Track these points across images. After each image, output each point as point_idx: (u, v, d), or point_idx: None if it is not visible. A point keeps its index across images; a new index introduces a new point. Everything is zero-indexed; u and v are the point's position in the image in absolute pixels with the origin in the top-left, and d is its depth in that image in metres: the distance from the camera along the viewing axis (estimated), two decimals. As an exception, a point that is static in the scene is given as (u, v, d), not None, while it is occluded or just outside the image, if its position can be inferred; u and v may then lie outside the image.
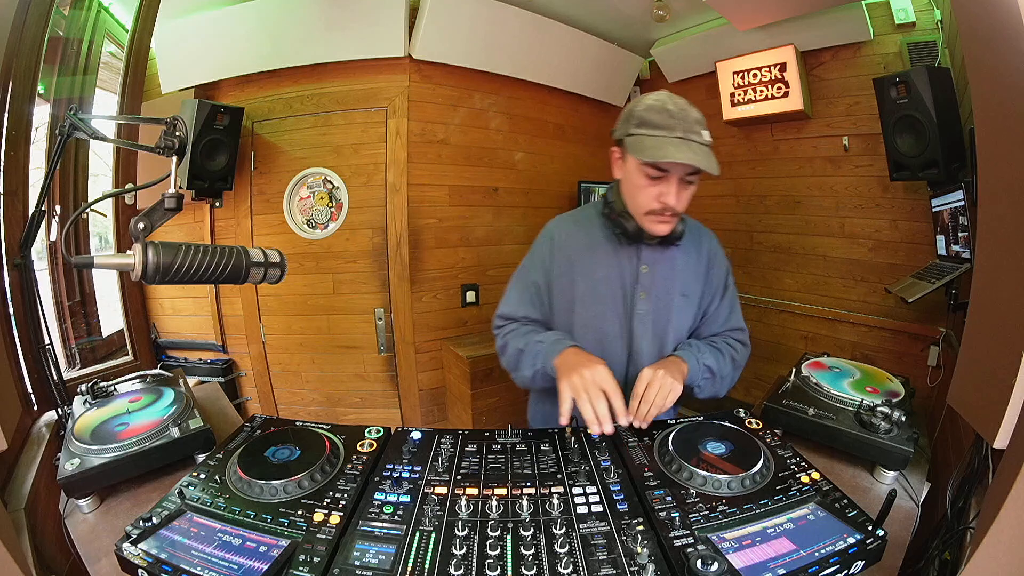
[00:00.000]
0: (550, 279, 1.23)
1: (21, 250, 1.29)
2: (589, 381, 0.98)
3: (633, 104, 1.09)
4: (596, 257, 1.20)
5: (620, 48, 3.10)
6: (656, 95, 1.07)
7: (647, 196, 1.07)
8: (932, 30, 2.15)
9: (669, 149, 0.99)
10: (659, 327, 1.20)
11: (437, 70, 2.61)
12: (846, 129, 2.51)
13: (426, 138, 2.64)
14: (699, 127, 1.03)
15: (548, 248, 1.23)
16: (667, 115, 1.01)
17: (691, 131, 1.01)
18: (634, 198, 1.11)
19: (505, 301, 1.29)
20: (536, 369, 1.13)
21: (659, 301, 1.19)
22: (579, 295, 1.20)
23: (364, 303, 2.71)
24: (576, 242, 1.22)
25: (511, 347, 1.21)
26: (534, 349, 1.14)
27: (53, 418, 1.22)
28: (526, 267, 1.28)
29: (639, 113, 1.05)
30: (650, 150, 1.00)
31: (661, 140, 1.00)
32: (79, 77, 2.10)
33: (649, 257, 1.18)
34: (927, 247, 2.14)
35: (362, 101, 2.58)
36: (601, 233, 1.21)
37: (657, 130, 1.01)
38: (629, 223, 1.13)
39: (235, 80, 2.58)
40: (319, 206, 2.68)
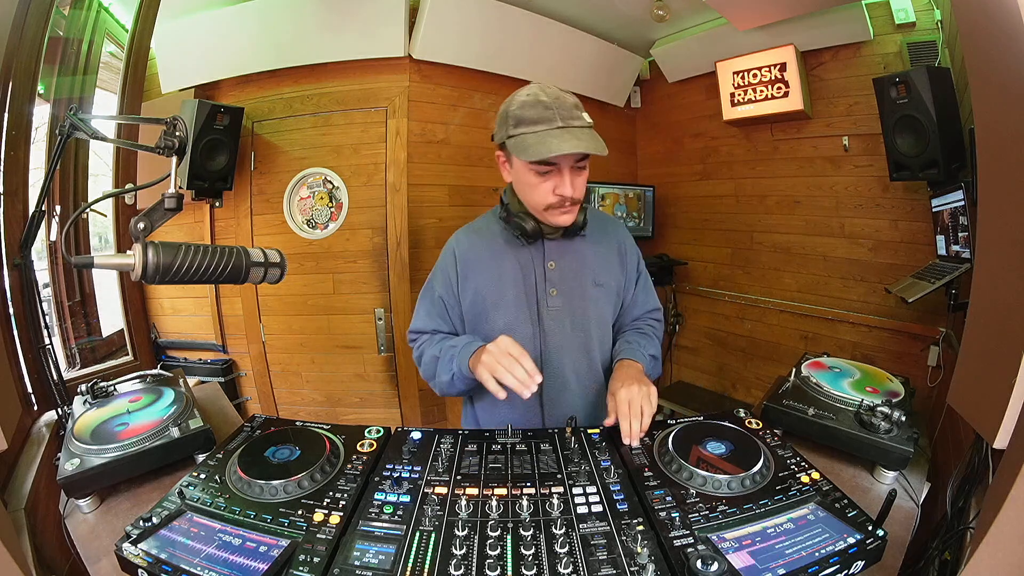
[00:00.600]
0: (456, 293, 1.22)
1: (21, 250, 1.29)
2: (497, 353, 0.98)
3: (506, 105, 1.07)
4: (500, 262, 1.19)
5: (620, 48, 3.10)
6: (527, 90, 1.05)
7: (542, 192, 1.06)
8: (932, 30, 2.15)
9: (553, 143, 0.98)
10: (576, 320, 1.19)
11: (437, 70, 2.61)
12: (846, 129, 2.51)
13: (426, 138, 2.64)
14: (577, 111, 1.02)
15: (451, 262, 1.22)
16: (542, 107, 1.00)
17: (570, 117, 1.00)
18: (529, 197, 1.10)
19: (415, 317, 1.28)
20: (453, 372, 1.11)
21: (572, 294, 1.18)
22: (490, 303, 1.18)
23: (364, 303, 2.71)
24: (478, 251, 1.21)
25: (427, 355, 1.21)
26: (448, 354, 1.13)
27: (53, 418, 1.22)
28: (431, 283, 1.26)
29: (514, 112, 1.03)
30: (533, 147, 0.99)
31: (542, 135, 0.99)
32: (79, 77, 2.10)
33: (554, 252, 1.18)
34: (927, 247, 2.14)
35: (362, 101, 2.58)
36: (502, 237, 1.20)
37: (535, 126, 1.00)
38: (527, 222, 1.13)
39: (235, 80, 2.58)
40: (319, 206, 2.68)
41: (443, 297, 1.23)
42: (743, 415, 1.11)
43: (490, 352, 1.00)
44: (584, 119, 1.02)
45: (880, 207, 2.42)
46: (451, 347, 1.14)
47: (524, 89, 1.06)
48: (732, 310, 3.14)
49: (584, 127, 1.01)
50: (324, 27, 2.43)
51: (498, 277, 1.18)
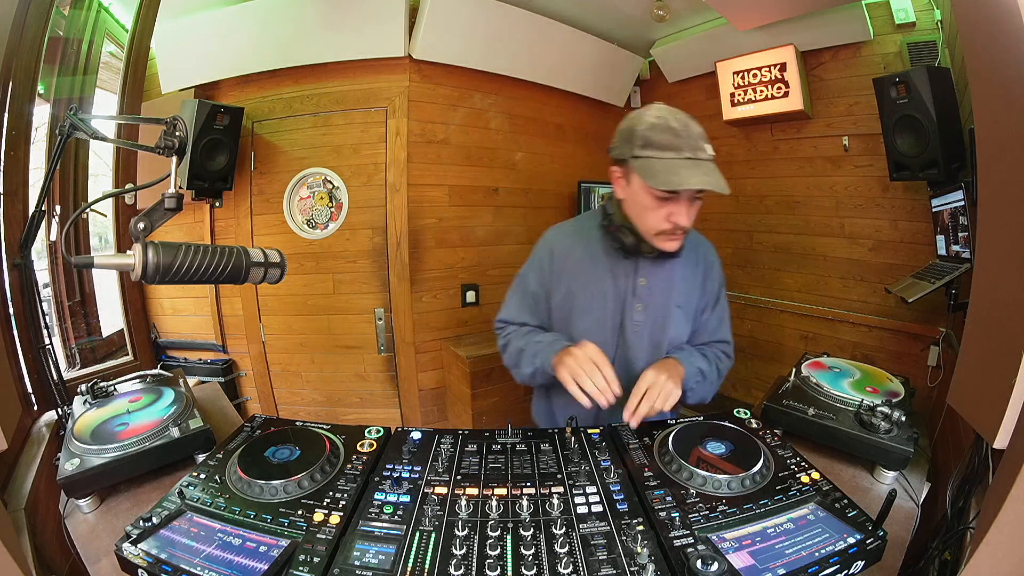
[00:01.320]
0: (548, 290, 1.26)
1: (21, 250, 1.29)
2: (581, 358, 1.03)
3: (633, 122, 1.07)
4: (594, 269, 1.21)
5: (620, 48, 3.10)
6: (656, 111, 1.05)
7: (656, 217, 1.07)
8: (932, 30, 2.15)
9: (682, 173, 0.98)
10: (655, 337, 1.22)
11: (437, 70, 2.61)
12: (846, 129, 2.51)
13: (426, 138, 2.64)
14: (703, 142, 1.02)
15: (547, 259, 1.25)
16: (672, 134, 1.00)
17: (697, 148, 1.00)
18: (642, 219, 1.10)
19: (505, 307, 1.33)
20: (535, 367, 1.17)
21: (655, 312, 1.20)
22: (577, 307, 1.22)
23: (364, 303, 2.71)
24: (575, 254, 1.23)
25: (512, 346, 1.26)
26: (533, 348, 1.19)
27: (53, 418, 1.22)
28: (525, 276, 1.30)
29: (642, 133, 1.03)
30: (662, 175, 0.99)
31: (670, 163, 0.99)
32: (79, 77, 2.10)
33: (647, 269, 1.19)
34: (927, 247, 2.14)
35: (362, 101, 2.58)
36: (600, 245, 1.22)
37: (664, 152, 1.00)
38: (627, 238, 1.14)
39: (235, 80, 2.58)
40: (319, 206, 2.68)
41: (535, 292, 1.27)
42: (743, 415, 1.11)
43: (574, 356, 1.04)
44: (708, 151, 1.02)
45: (880, 207, 2.42)
46: (537, 342, 1.19)
47: (652, 109, 1.05)
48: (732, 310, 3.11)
49: (708, 160, 1.01)
50: (324, 27, 2.43)
51: (590, 283, 1.21)
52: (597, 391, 1.00)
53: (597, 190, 3.18)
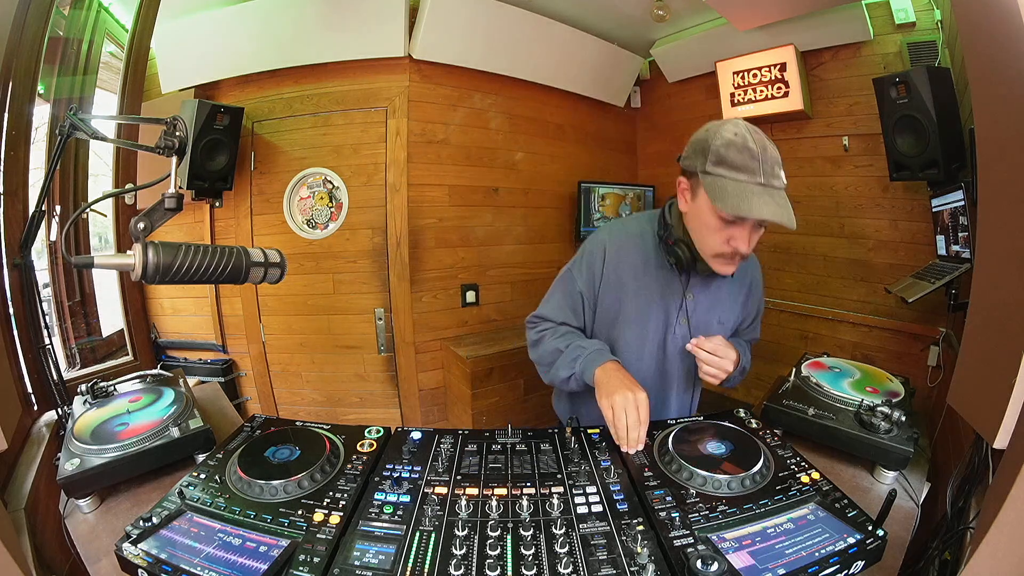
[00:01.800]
0: (596, 292, 1.21)
1: (21, 250, 1.29)
2: (628, 402, 0.98)
3: (709, 135, 1.00)
4: (646, 278, 1.18)
5: (620, 48, 3.10)
6: (734, 127, 0.98)
7: (718, 239, 1.02)
8: (932, 30, 2.15)
9: (754, 201, 0.93)
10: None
11: (437, 70, 2.61)
12: (846, 129, 2.51)
13: (426, 138, 2.64)
14: (779, 169, 0.96)
15: (600, 261, 1.20)
16: (748, 155, 0.94)
17: (772, 175, 0.94)
18: (702, 237, 1.06)
19: (546, 303, 1.28)
20: (573, 373, 1.13)
21: (697, 327, 1.19)
22: (623, 316, 1.20)
23: (364, 303, 2.71)
24: (629, 260, 1.19)
25: (548, 344, 1.21)
26: (574, 353, 1.13)
27: (53, 418, 1.22)
28: (572, 275, 1.24)
29: (717, 149, 0.96)
30: (732, 199, 0.94)
31: (743, 187, 0.94)
32: (79, 77, 2.10)
33: (696, 285, 1.18)
34: (927, 247, 2.14)
35: (362, 101, 2.58)
36: (655, 255, 1.19)
37: (738, 173, 0.94)
38: (684, 253, 1.10)
39: (235, 80, 2.58)
40: (319, 206, 2.68)
41: (583, 292, 1.22)
42: (743, 415, 1.11)
43: (623, 395, 0.98)
44: (782, 179, 0.96)
45: (880, 207, 2.42)
46: (579, 347, 1.14)
47: (730, 125, 0.99)
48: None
49: (781, 190, 0.96)
50: (324, 27, 2.43)
51: (639, 293, 1.18)
52: (624, 439, 0.98)
53: (597, 190, 3.18)
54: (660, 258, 1.18)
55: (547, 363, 1.22)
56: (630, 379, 1.04)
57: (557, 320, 1.25)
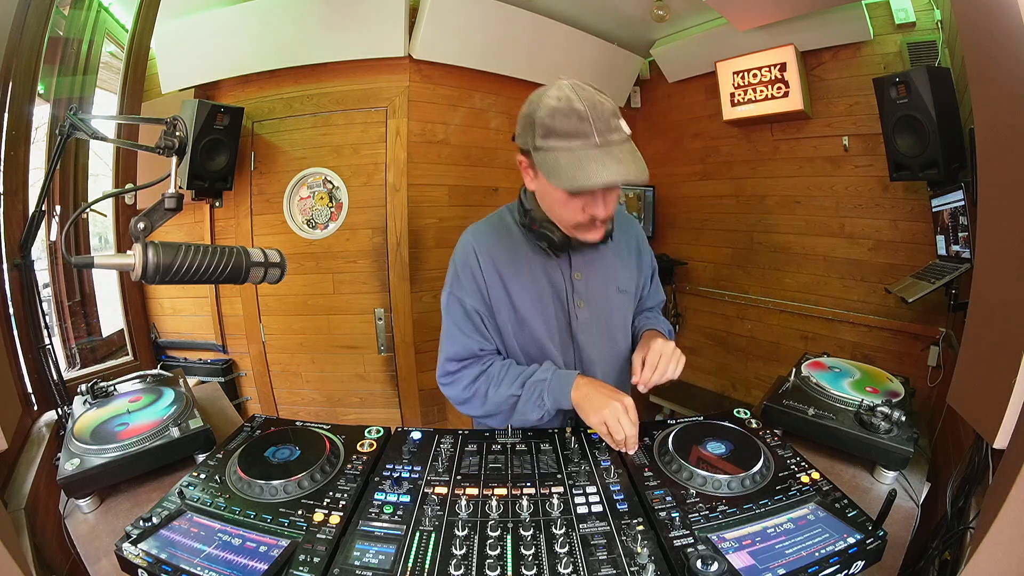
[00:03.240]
0: (488, 301, 1.09)
1: (21, 250, 1.29)
2: (618, 411, 0.94)
3: (532, 106, 0.91)
4: (529, 272, 1.09)
5: (620, 48, 3.09)
6: (557, 91, 0.89)
7: (571, 211, 0.96)
8: (932, 30, 2.15)
9: (592, 167, 0.84)
10: (603, 329, 1.15)
11: (437, 70, 2.61)
12: (846, 129, 2.51)
13: (426, 138, 2.64)
14: (615, 119, 0.87)
15: (476, 266, 1.08)
16: (577, 118, 0.85)
17: (608, 129, 0.86)
18: (556, 213, 1.00)
19: (448, 343, 1.12)
20: (546, 409, 1.03)
21: (599, 305, 1.13)
22: (521, 316, 1.09)
23: (364, 303, 2.71)
24: (501, 256, 1.09)
25: (498, 394, 1.06)
26: (536, 389, 1.03)
27: (53, 418, 1.22)
28: (455, 296, 1.10)
29: (542, 120, 0.88)
30: (568, 172, 0.85)
31: (578, 155, 0.85)
32: (79, 77, 2.10)
33: (580, 263, 1.10)
34: (927, 247, 2.14)
35: (362, 101, 2.57)
36: (526, 245, 1.10)
37: (569, 141, 0.86)
38: (555, 233, 1.03)
39: (235, 80, 2.57)
40: (319, 206, 2.68)
41: (476, 308, 1.09)
42: (743, 415, 1.11)
43: (611, 408, 0.94)
44: (623, 130, 0.88)
45: (880, 207, 2.42)
46: (538, 381, 1.03)
47: (552, 89, 0.90)
48: (732, 310, 3.14)
49: (623, 143, 0.88)
50: (324, 27, 2.43)
51: (527, 288, 1.09)
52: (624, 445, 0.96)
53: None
54: (532, 245, 1.09)
55: (507, 412, 1.07)
56: (608, 388, 1.00)
57: (472, 351, 1.10)
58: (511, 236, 1.11)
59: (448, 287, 1.13)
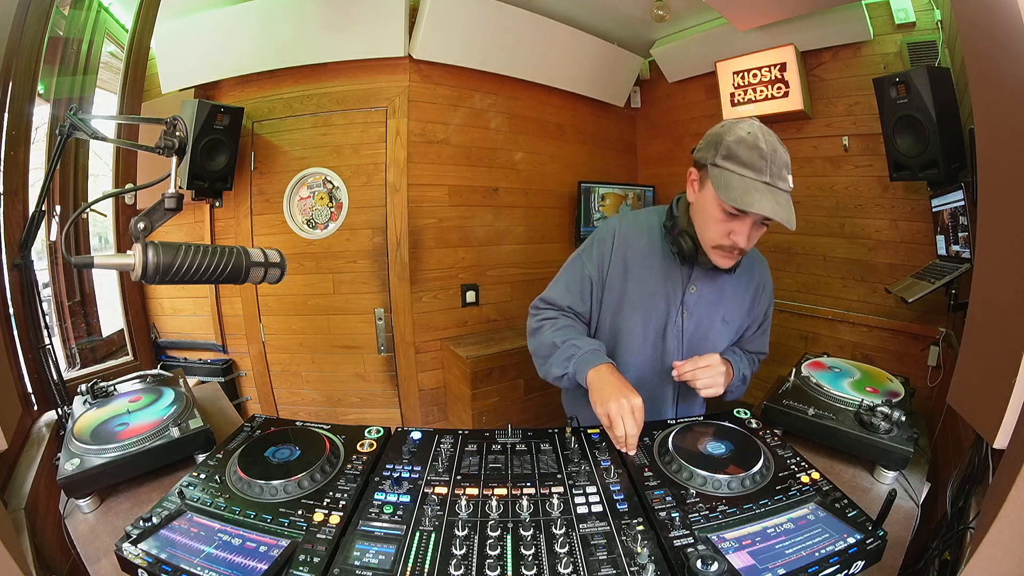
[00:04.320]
0: (604, 276, 1.22)
1: (21, 250, 1.29)
2: (623, 408, 0.98)
3: (724, 131, 1.03)
4: (651, 267, 1.20)
5: (620, 48, 3.09)
6: (749, 126, 1.00)
7: (718, 231, 1.04)
8: (932, 30, 2.15)
9: (755, 196, 0.95)
10: (694, 345, 1.21)
11: (437, 70, 2.61)
12: (846, 129, 2.51)
13: (426, 138, 2.64)
14: (786, 172, 0.98)
15: (609, 246, 1.22)
16: (758, 154, 0.96)
17: (778, 177, 0.96)
18: (705, 228, 1.08)
19: (553, 286, 1.28)
20: (567, 372, 1.13)
21: (700, 322, 1.20)
22: (628, 301, 1.21)
23: (364, 303, 2.71)
24: (636, 248, 1.21)
25: (545, 336, 1.20)
26: (568, 351, 1.13)
27: (53, 418, 1.22)
28: (582, 259, 1.25)
29: (728, 144, 0.99)
30: (736, 192, 0.96)
31: (748, 183, 0.96)
32: (79, 77, 2.10)
33: (699, 278, 1.18)
34: (927, 247, 2.14)
35: (362, 101, 2.57)
36: (660, 244, 1.20)
37: (745, 169, 0.96)
38: (687, 244, 1.12)
39: (235, 80, 2.57)
40: (319, 206, 2.68)
41: (591, 276, 1.23)
42: (743, 415, 1.11)
43: (618, 402, 0.99)
44: (789, 182, 0.98)
45: (880, 207, 2.42)
46: (574, 346, 1.13)
47: (746, 124, 1.01)
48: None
49: (786, 191, 0.98)
50: (324, 27, 2.43)
51: (642, 281, 1.20)
52: (621, 442, 0.98)
53: (597, 190, 3.18)
54: (665, 248, 1.19)
55: (542, 355, 1.21)
56: (624, 383, 1.03)
57: (563, 304, 1.25)
58: (651, 234, 1.22)
59: (580, 248, 1.28)
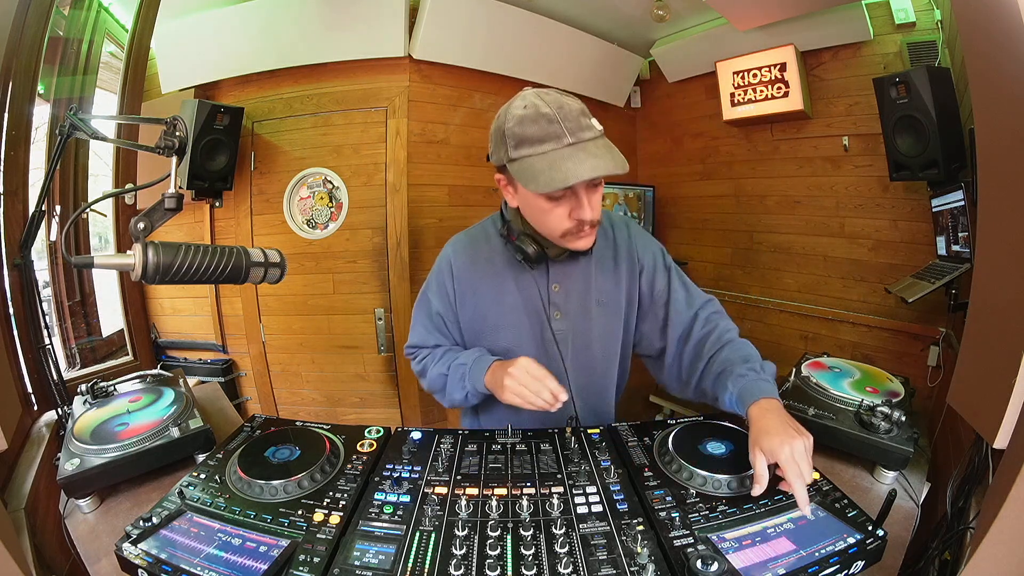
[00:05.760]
0: (454, 308, 1.16)
1: (21, 250, 1.29)
2: (522, 378, 0.96)
3: (500, 120, 0.93)
4: (502, 283, 1.12)
5: (620, 48, 3.10)
6: (521, 100, 0.91)
7: (556, 219, 0.95)
8: (932, 30, 2.15)
9: (567, 166, 0.84)
10: (580, 340, 1.14)
11: (437, 70, 2.61)
12: (846, 129, 2.51)
13: (426, 138, 2.64)
14: (585, 118, 0.88)
15: (448, 276, 1.15)
16: (545, 121, 0.86)
17: (579, 128, 0.87)
18: (542, 223, 0.99)
19: (413, 331, 1.23)
20: (467, 390, 1.08)
21: (576, 316, 1.12)
22: (489, 326, 1.14)
23: (364, 303, 2.71)
24: (477, 268, 1.14)
25: (432, 372, 1.16)
26: (458, 372, 1.09)
27: (53, 418, 1.22)
28: (426, 295, 1.19)
29: (512, 130, 0.89)
30: (544, 175, 0.85)
31: (551, 157, 0.86)
32: (79, 77, 2.10)
33: (559, 275, 1.11)
34: (927, 247, 2.14)
35: (362, 101, 2.58)
36: (502, 255, 1.12)
37: (541, 145, 0.86)
38: (529, 247, 1.03)
39: (235, 80, 2.58)
40: (319, 206, 2.68)
41: (441, 313, 1.17)
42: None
43: (514, 376, 0.96)
44: (594, 127, 0.89)
45: (880, 207, 2.42)
46: (460, 364, 1.09)
47: (517, 99, 0.92)
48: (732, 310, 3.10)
49: (596, 138, 0.88)
50: (324, 27, 2.43)
51: (499, 299, 1.12)
52: (547, 404, 0.95)
53: (597, 190, 3.18)
54: (509, 257, 1.11)
55: (439, 388, 1.16)
56: (507, 364, 1.00)
57: (429, 344, 1.20)
58: (490, 247, 1.14)
59: (425, 285, 1.22)
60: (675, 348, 1.13)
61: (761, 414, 0.87)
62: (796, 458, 0.78)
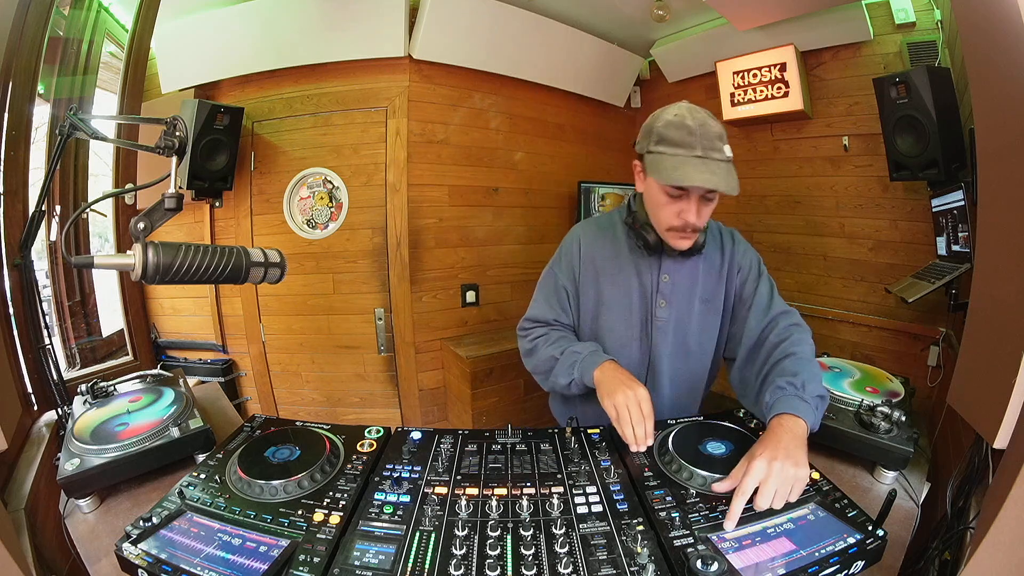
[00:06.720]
0: (577, 284, 1.26)
1: (21, 250, 1.29)
2: (632, 401, 0.99)
3: (653, 119, 1.08)
4: (619, 265, 1.23)
5: (620, 48, 3.10)
6: (676, 108, 1.06)
7: (667, 213, 1.08)
8: (932, 30, 2.15)
9: (687, 170, 0.98)
10: (680, 334, 1.21)
11: (437, 70, 2.61)
12: (846, 129, 2.51)
13: (426, 138, 2.64)
14: (720, 142, 1.01)
15: (576, 254, 1.25)
16: (686, 132, 1.00)
17: (711, 148, 1.00)
18: (655, 214, 1.12)
19: (533, 305, 1.31)
20: (573, 379, 1.14)
21: (679, 308, 1.20)
22: (604, 303, 1.23)
23: (364, 303, 2.71)
24: (601, 249, 1.24)
25: (542, 352, 1.22)
26: (570, 359, 1.15)
27: (53, 418, 1.22)
28: (553, 271, 1.29)
29: (658, 130, 1.04)
30: (667, 171, 1.00)
31: (679, 160, 1.00)
32: (79, 77, 2.10)
33: (670, 267, 1.20)
34: (927, 247, 2.14)
35: (362, 101, 2.58)
36: (624, 242, 1.23)
37: (676, 148, 1.00)
38: (650, 235, 1.15)
39: (235, 80, 2.57)
40: (319, 206, 2.68)
41: (566, 286, 1.26)
42: (743, 415, 1.11)
43: (624, 394, 1.00)
44: (724, 152, 1.01)
45: (880, 207, 2.42)
46: (574, 352, 1.15)
47: (673, 107, 1.06)
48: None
49: (723, 161, 1.00)
50: (324, 27, 2.43)
51: (617, 280, 1.22)
52: (634, 439, 0.97)
53: (597, 190, 3.18)
54: (631, 244, 1.22)
55: (544, 371, 1.23)
56: (628, 376, 1.05)
57: (547, 319, 1.27)
58: (614, 234, 1.25)
59: (550, 263, 1.31)
60: (746, 353, 1.16)
61: (777, 427, 0.87)
62: (771, 474, 0.78)
